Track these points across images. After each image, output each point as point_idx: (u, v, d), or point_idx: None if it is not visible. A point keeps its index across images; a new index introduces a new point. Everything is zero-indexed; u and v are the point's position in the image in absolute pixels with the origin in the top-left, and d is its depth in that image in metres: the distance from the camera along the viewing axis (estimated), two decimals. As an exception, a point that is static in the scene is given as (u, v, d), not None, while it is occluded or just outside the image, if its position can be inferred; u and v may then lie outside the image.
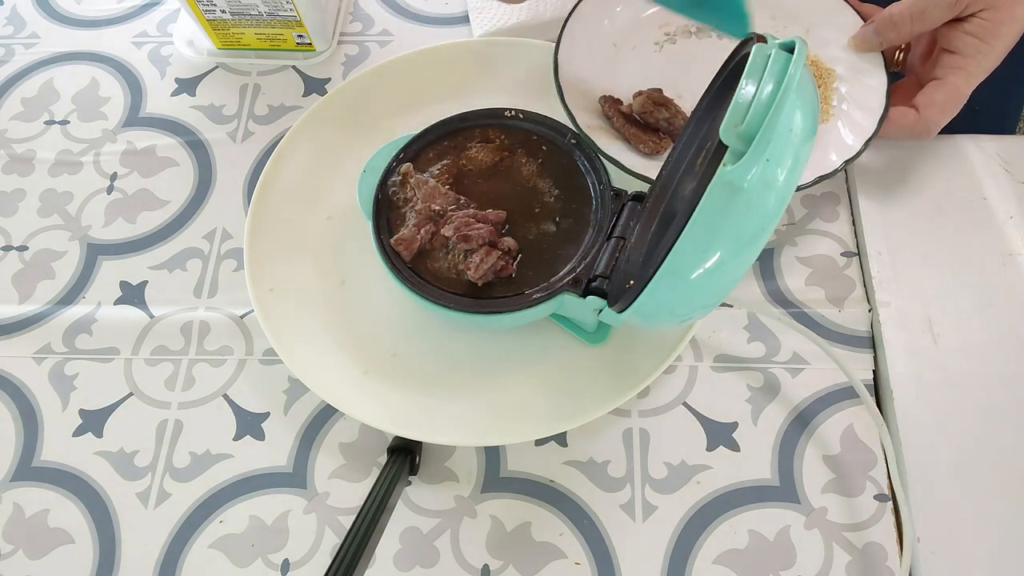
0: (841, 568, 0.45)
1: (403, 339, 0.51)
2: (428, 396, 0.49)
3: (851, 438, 0.48)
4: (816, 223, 0.55)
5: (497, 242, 0.45)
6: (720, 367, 0.51)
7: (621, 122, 0.53)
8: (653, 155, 0.52)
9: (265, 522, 0.48)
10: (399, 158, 0.49)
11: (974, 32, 0.48)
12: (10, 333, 0.55)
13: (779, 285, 0.53)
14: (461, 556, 0.46)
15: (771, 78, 0.31)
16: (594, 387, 0.47)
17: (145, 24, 0.68)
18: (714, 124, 0.43)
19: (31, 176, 0.61)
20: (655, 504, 0.47)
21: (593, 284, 0.44)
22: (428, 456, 0.49)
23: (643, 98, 0.52)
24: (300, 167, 0.56)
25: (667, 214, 0.45)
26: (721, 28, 0.49)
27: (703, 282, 0.33)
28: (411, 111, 0.57)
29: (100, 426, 0.51)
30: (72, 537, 0.48)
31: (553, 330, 0.50)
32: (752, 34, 0.37)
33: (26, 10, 0.70)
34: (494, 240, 0.45)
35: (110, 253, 0.57)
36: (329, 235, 0.55)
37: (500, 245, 0.45)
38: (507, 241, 0.46)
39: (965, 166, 0.55)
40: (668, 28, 0.58)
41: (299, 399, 0.51)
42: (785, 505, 0.47)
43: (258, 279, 0.51)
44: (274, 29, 0.62)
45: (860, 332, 0.51)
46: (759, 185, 0.31)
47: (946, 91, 0.49)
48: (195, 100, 0.64)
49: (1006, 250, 0.52)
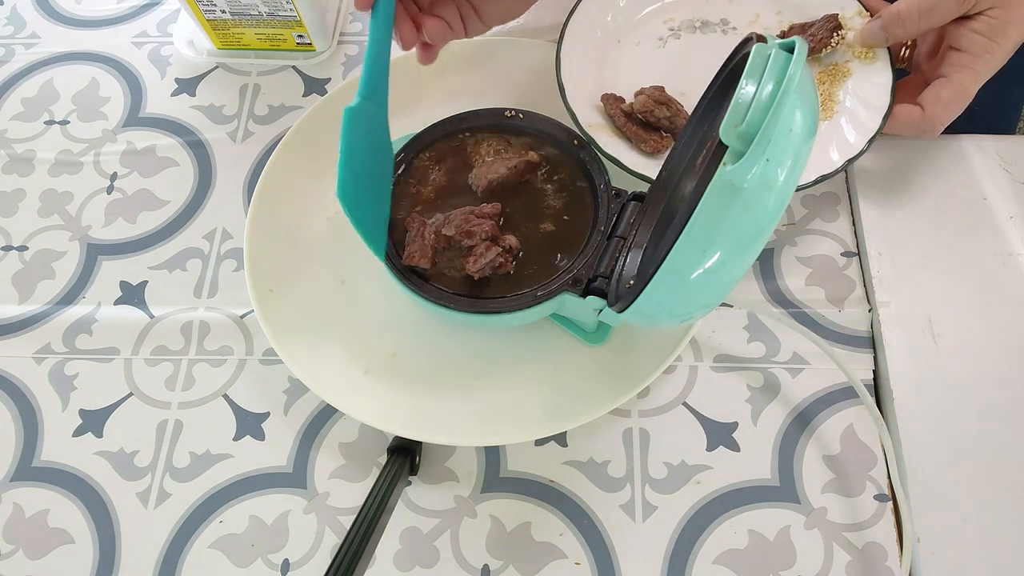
0: (841, 568, 0.45)
1: (403, 339, 0.51)
2: (428, 396, 0.49)
3: (851, 438, 0.48)
4: (816, 223, 0.55)
5: (499, 238, 0.45)
6: (720, 367, 0.51)
7: (623, 121, 0.53)
8: (655, 154, 0.52)
9: (265, 522, 0.48)
10: (399, 158, 0.49)
11: (982, 30, 0.48)
12: (10, 333, 0.55)
13: (779, 285, 0.53)
14: (461, 556, 0.46)
15: (771, 78, 0.31)
16: (594, 387, 0.47)
17: (145, 24, 0.68)
18: (714, 124, 0.43)
19: (31, 176, 0.61)
20: (655, 504, 0.47)
21: (593, 284, 0.44)
22: (428, 456, 0.49)
23: (644, 97, 0.52)
24: (300, 167, 0.56)
25: (667, 214, 0.45)
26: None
27: (703, 282, 0.33)
28: (411, 111, 0.57)
29: (100, 426, 0.51)
30: (72, 537, 0.48)
31: (553, 330, 0.50)
32: (752, 34, 0.37)
33: (26, 10, 0.70)
34: (496, 235, 0.45)
35: (110, 253, 0.57)
36: (329, 235, 0.55)
37: (501, 241, 0.45)
38: (509, 239, 0.46)
39: (965, 166, 0.55)
40: (673, 23, 0.58)
41: (299, 399, 0.51)
42: (785, 505, 0.47)
43: (258, 279, 0.51)
44: (274, 29, 0.62)
45: (860, 332, 0.51)
46: (759, 185, 0.31)
47: (952, 89, 0.49)
48: (195, 100, 0.64)
49: (1006, 250, 0.52)
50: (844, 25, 0.53)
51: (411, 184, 0.49)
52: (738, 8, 0.58)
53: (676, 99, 0.53)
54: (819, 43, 0.53)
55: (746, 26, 0.58)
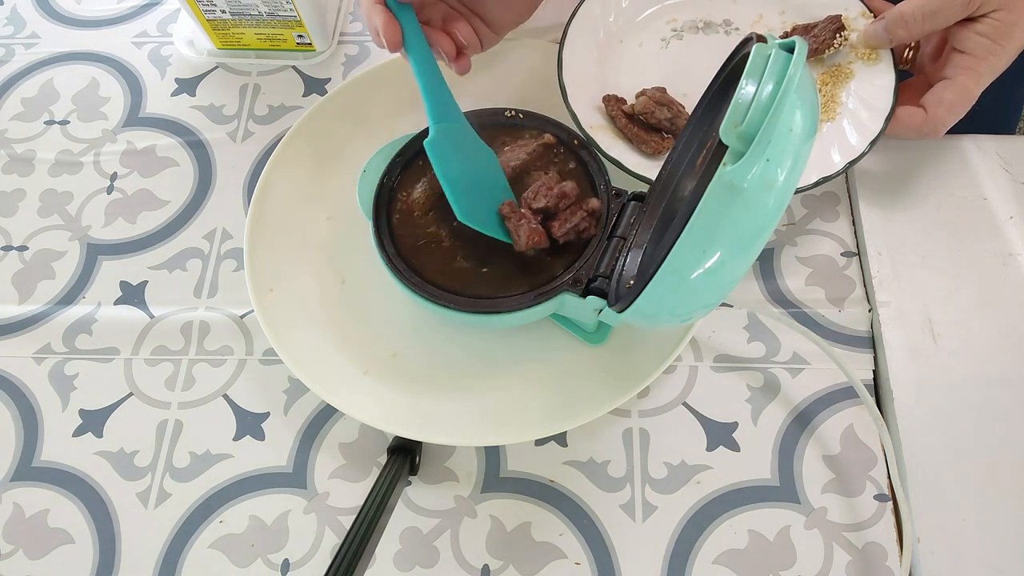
0: (841, 568, 0.45)
1: (403, 339, 0.51)
2: (428, 396, 0.49)
3: (851, 438, 0.48)
4: (816, 223, 0.55)
5: (584, 201, 0.45)
6: (720, 367, 0.51)
7: (624, 122, 0.52)
8: (656, 156, 0.52)
9: (265, 522, 0.48)
10: (399, 158, 0.49)
11: (986, 32, 0.47)
12: (10, 333, 0.55)
13: (779, 285, 0.53)
14: (461, 556, 0.46)
15: (771, 78, 0.31)
16: (594, 387, 0.47)
17: (145, 24, 0.68)
18: (714, 124, 0.43)
19: (31, 176, 0.61)
20: (655, 504, 0.47)
21: (593, 284, 0.44)
22: (428, 456, 0.49)
23: (645, 99, 0.52)
24: (300, 167, 0.56)
25: (667, 214, 0.45)
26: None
27: (703, 282, 0.33)
28: (411, 111, 0.57)
29: (100, 426, 0.51)
30: (72, 537, 0.48)
31: (553, 330, 0.50)
32: (752, 34, 0.37)
33: (26, 10, 0.70)
34: (579, 199, 0.45)
35: (110, 253, 0.57)
36: (329, 235, 0.55)
37: (585, 205, 0.45)
38: (592, 202, 0.45)
39: (965, 166, 0.55)
40: (675, 24, 0.58)
41: (299, 399, 0.51)
42: (785, 505, 0.47)
43: (258, 279, 0.51)
44: (274, 29, 0.62)
45: (860, 332, 0.51)
46: (759, 185, 0.31)
47: (955, 91, 0.48)
48: (195, 100, 0.64)
49: (1006, 250, 0.52)
50: (847, 26, 0.53)
51: (412, 184, 0.49)
52: (741, 9, 0.58)
53: (678, 100, 0.53)
54: (822, 44, 0.53)
55: (749, 27, 0.58)
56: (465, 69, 0.50)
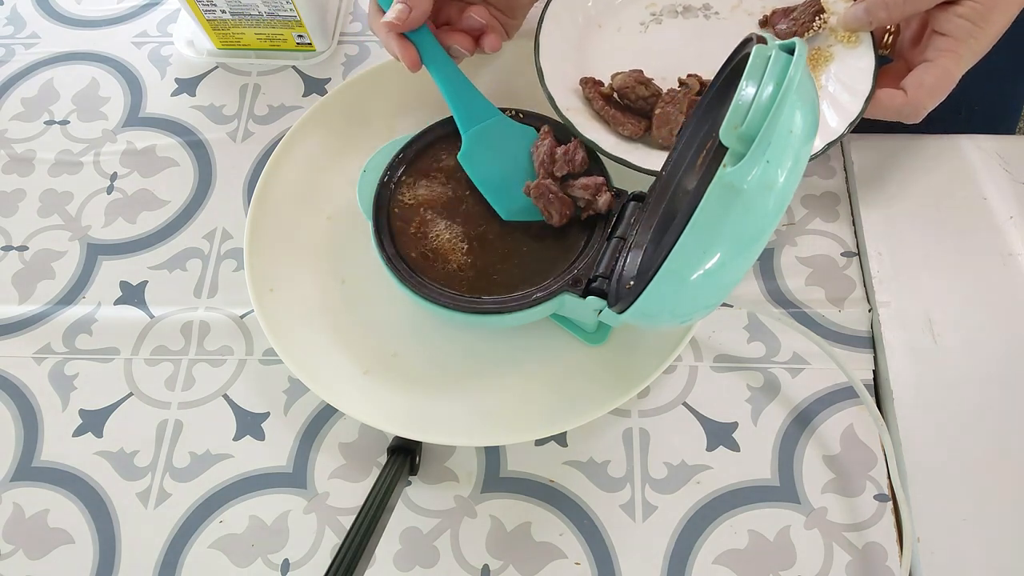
0: (841, 568, 0.45)
1: (403, 339, 0.51)
2: (428, 396, 0.49)
3: (851, 438, 0.48)
4: (816, 223, 0.55)
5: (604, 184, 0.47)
6: (720, 367, 0.51)
7: (601, 104, 0.52)
8: (632, 138, 0.52)
9: (265, 522, 0.48)
10: (399, 158, 0.49)
11: (966, 15, 0.47)
12: (10, 333, 0.55)
13: (779, 285, 0.53)
14: (461, 556, 0.46)
15: (771, 79, 0.31)
16: (594, 387, 0.47)
17: (145, 24, 0.68)
18: (715, 124, 0.43)
19: (31, 176, 0.61)
20: (655, 504, 0.47)
21: (593, 284, 0.44)
22: (428, 456, 0.49)
23: (624, 75, 0.51)
24: (300, 167, 0.56)
25: (668, 214, 0.45)
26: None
27: (703, 283, 0.33)
28: (411, 111, 0.57)
29: (100, 426, 0.51)
30: (72, 537, 0.48)
31: (553, 330, 0.50)
32: (752, 34, 0.37)
33: (26, 10, 0.70)
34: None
35: (110, 253, 0.57)
36: (329, 235, 0.55)
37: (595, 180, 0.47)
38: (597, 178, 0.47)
39: (965, 166, 0.55)
40: (654, 8, 0.57)
41: (299, 399, 0.51)
42: (785, 505, 0.47)
43: (258, 279, 0.51)
44: (274, 29, 0.62)
45: (860, 332, 0.51)
46: (759, 186, 0.31)
47: (936, 74, 0.48)
48: (195, 100, 0.64)
49: (1006, 250, 0.52)
50: (827, 9, 0.53)
51: (412, 184, 0.49)
52: None
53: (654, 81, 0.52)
54: (801, 27, 0.53)
55: (728, 11, 0.57)
56: (496, 46, 0.52)
